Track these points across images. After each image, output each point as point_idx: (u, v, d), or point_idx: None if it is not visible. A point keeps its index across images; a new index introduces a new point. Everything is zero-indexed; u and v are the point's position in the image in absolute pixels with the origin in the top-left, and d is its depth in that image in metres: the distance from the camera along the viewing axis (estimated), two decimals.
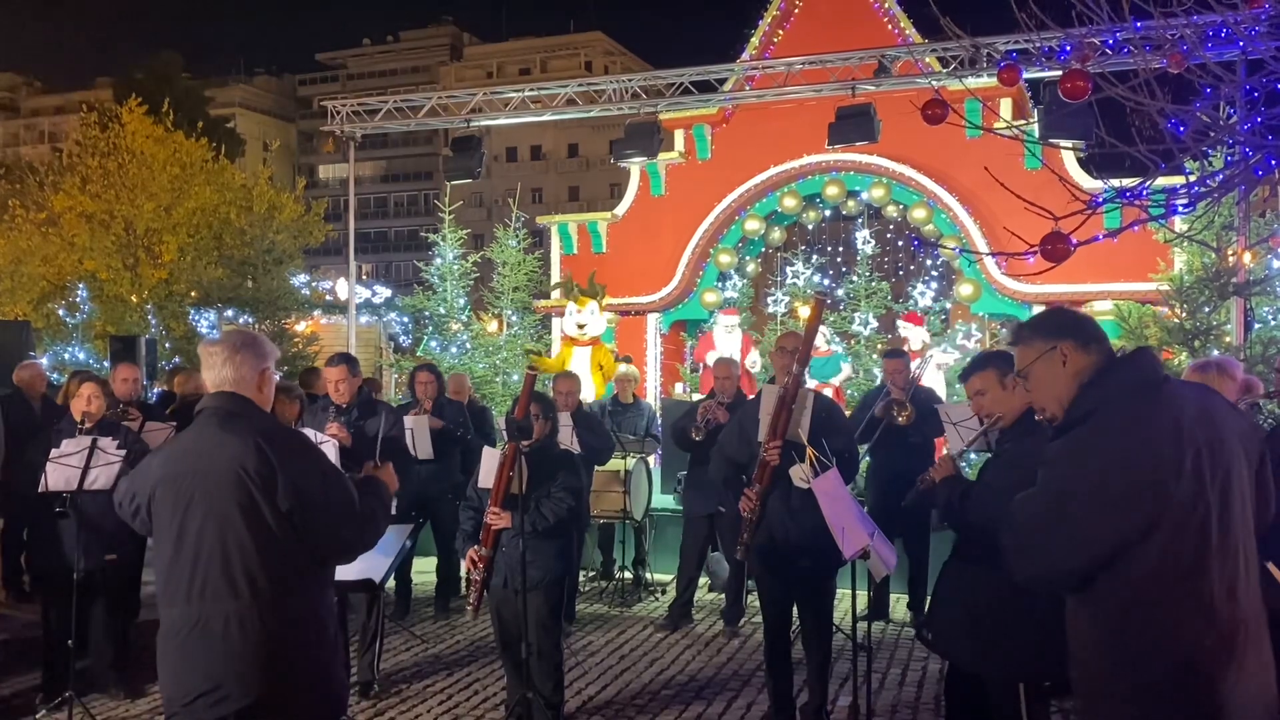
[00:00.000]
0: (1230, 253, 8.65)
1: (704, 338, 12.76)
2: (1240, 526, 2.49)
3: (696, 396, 10.23)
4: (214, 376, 3.15)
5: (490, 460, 5.09)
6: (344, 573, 4.56)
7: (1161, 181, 7.35)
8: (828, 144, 10.44)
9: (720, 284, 13.75)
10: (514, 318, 13.46)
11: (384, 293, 22.07)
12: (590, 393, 11.03)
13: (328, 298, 21.60)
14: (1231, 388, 4.60)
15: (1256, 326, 9.34)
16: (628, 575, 8.83)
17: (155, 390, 11.93)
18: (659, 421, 9.20)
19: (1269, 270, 9.56)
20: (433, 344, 13.31)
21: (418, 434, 7.44)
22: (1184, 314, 9.27)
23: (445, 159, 14.00)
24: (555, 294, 13.16)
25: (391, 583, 6.95)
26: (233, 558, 2.95)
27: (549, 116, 12.65)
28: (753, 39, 13.23)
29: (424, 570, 8.56)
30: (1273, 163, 6.58)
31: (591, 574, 9.11)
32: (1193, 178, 7.23)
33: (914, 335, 11.49)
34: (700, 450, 7.21)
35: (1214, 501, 2.41)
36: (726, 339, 11.95)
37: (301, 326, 15.43)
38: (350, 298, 13.67)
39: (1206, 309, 9.20)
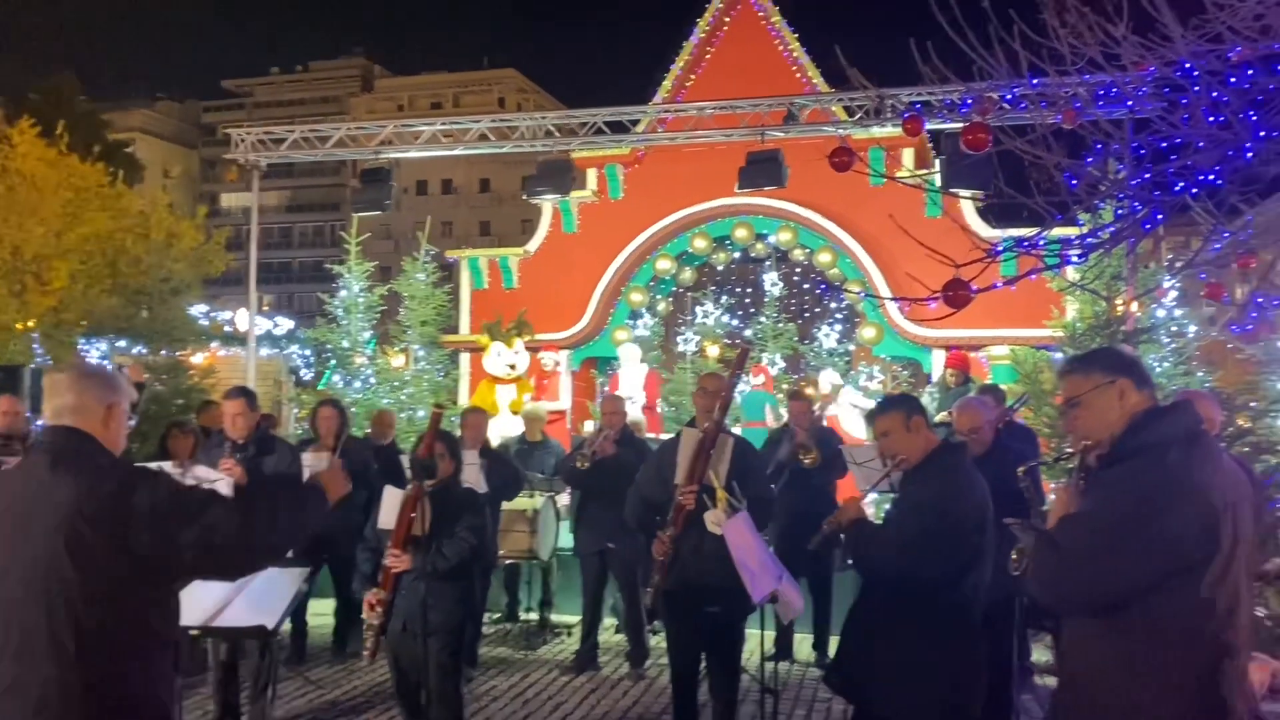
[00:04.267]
0: (1119, 302, 9.00)
1: (614, 377, 12.75)
2: (1249, 584, 2.61)
3: None
4: (53, 406, 2.77)
5: (391, 500, 4.95)
6: (235, 618, 4.37)
7: (1056, 232, 7.64)
8: (737, 188, 10.60)
9: (631, 322, 13.79)
10: (421, 352, 13.25)
11: (286, 324, 21.53)
12: (515, 428, 10.93)
13: (226, 329, 20.97)
14: None
15: None
16: (533, 617, 8.68)
17: (38, 423, 11.35)
18: None
19: (1154, 319, 9.99)
20: (336, 378, 13.00)
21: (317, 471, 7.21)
22: None
23: (354, 191, 13.77)
24: (484, 335, 13.00)
25: (286, 626, 6.70)
26: (57, 614, 2.54)
27: (461, 151, 12.57)
28: (665, 82, 13.42)
29: (321, 613, 8.27)
30: (1159, 217, 6.88)
31: (496, 616, 8.92)
32: (1085, 229, 7.54)
33: (824, 378, 11.69)
34: (589, 486, 7.19)
35: (1241, 554, 2.52)
36: (630, 372, 11.95)
37: (198, 359, 14.93)
38: (250, 329, 13.28)
39: None
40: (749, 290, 14.71)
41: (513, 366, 11.81)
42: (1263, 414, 9.91)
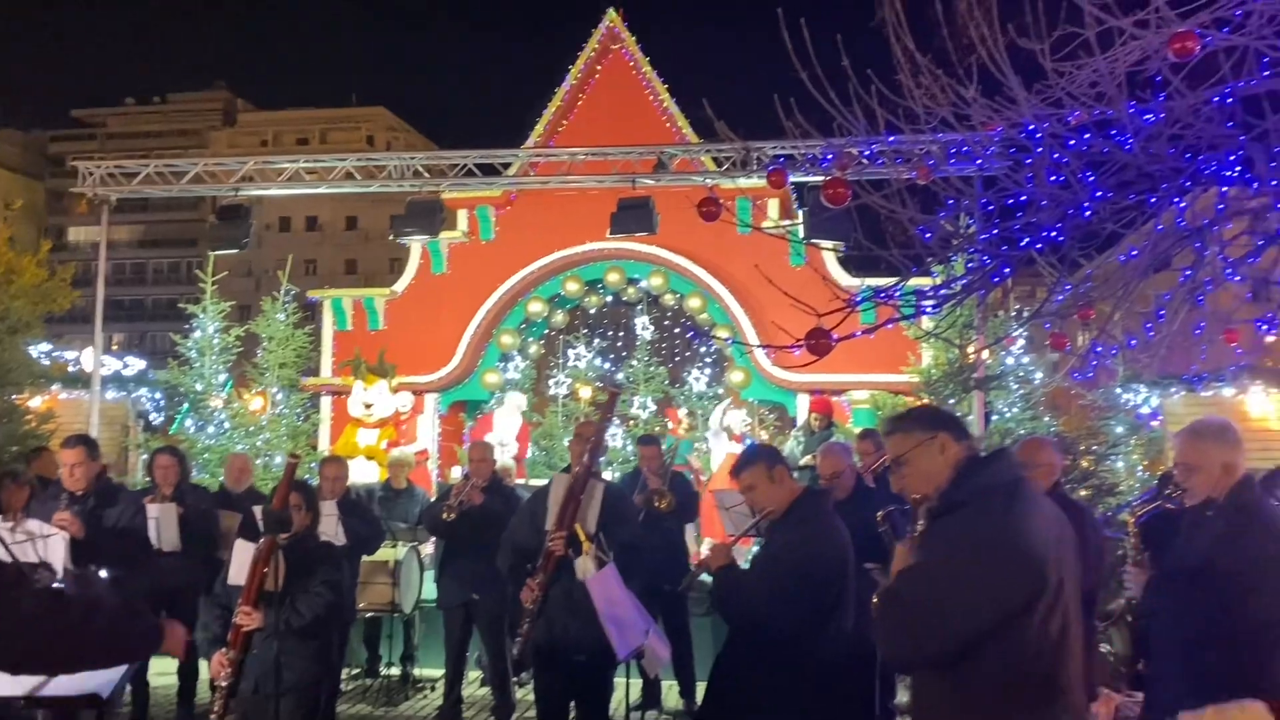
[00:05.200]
0: (971, 350, 9.40)
1: (482, 420, 12.59)
2: (1078, 623, 2.69)
3: None
4: None
5: (242, 555, 4.72)
6: (65, 686, 4.06)
7: (913, 283, 7.96)
8: (609, 234, 10.66)
9: (502, 365, 13.65)
10: (280, 395, 12.78)
11: (138, 364, 20.48)
12: (376, 476, 10.64)
13: (72, 369, 19.80)
14: None
15: (994, 418, 10.16)
16: (395, 672, 8.38)
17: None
18: None
19: (1004, 366, 10.47)
20: (188, 422, 12.41)
21: (163, 523, 6.83)
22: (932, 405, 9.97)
23: (211, 227, 13.26)
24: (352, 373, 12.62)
25: (128, 685, 6.27)
26: None
27: (325, 190, 12.28)
28: (537, 126, 13.45)
29: (164, 672, 7.79)
30: (1006, 270, 7.24)
31: (355, 671, 8.59)
32: (938, 281, 7.87)
33: (732, 419, 11.79)
34: (454, 536, 7.04)
35: (1069, 596, 2.59)
36: (506, 421, 11.82)
37: (36, 402, 14.02)
38: (95, 370, 12.55)
39: (951, 401, 9.93)
40: (621, 334, 14.77)
41: (368, 407, 11.50)
42: (1104, 457, 10.49)
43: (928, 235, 7.15)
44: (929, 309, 7.35)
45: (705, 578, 4.09)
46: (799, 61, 6.65)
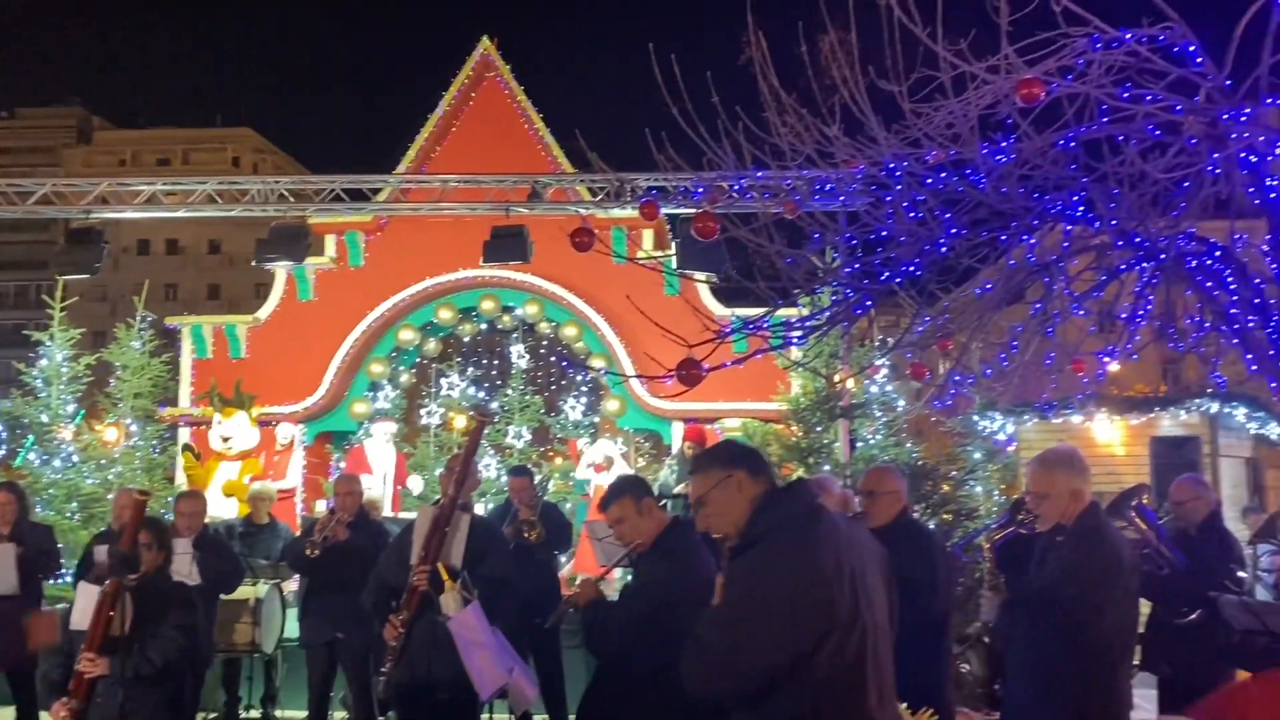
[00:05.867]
0: (837, 379, 9.67)
1: (354, 451, 12.25)
2: (885, 640, 2.71)
3: None
4: None
5: (87, 598, 4.46)
6: None
7: (782, 314, 8.18)
8: (482, 262, 10.58)
9: (371, 394, 13.34)
10: (134, 427, 12.17)
11: None
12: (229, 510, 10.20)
13: None
14: (833, 502, 5.03)
15: (859, 445, 10.45)
16: (255, 715, 8.03)
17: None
18: None
19: (869, 395, 10.80)
20: (32, 456, 11.69)
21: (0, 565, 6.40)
22: (800, 433, 10.20)
23: (59, 251, 12.57)
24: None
25: None
26: None
27: (184, 214, 11.81)
28: (409, 151, 13.28)
29: None
30: (868, 303, 7.50)
31: (213, 716, 8.19)
32: (805, 312, 8.10)
33: (600, 449, 11.75)
34: (318, 573, 6.82)
35: (866, 618, 2.62)
36: (380, 453, 11.54)
37: None
38: None
39: (819, 429, 10.17)
40: (495, 362, 14.64)
41: (226, 439, 11.08)
42: (962, 482, 10.89)
43: (795, 268, 7.36)
44: (795, 340, 7.54)
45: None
46: (670, 96, 6.78)
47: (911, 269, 7.06)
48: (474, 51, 13.52)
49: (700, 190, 8.74)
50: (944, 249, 6.90)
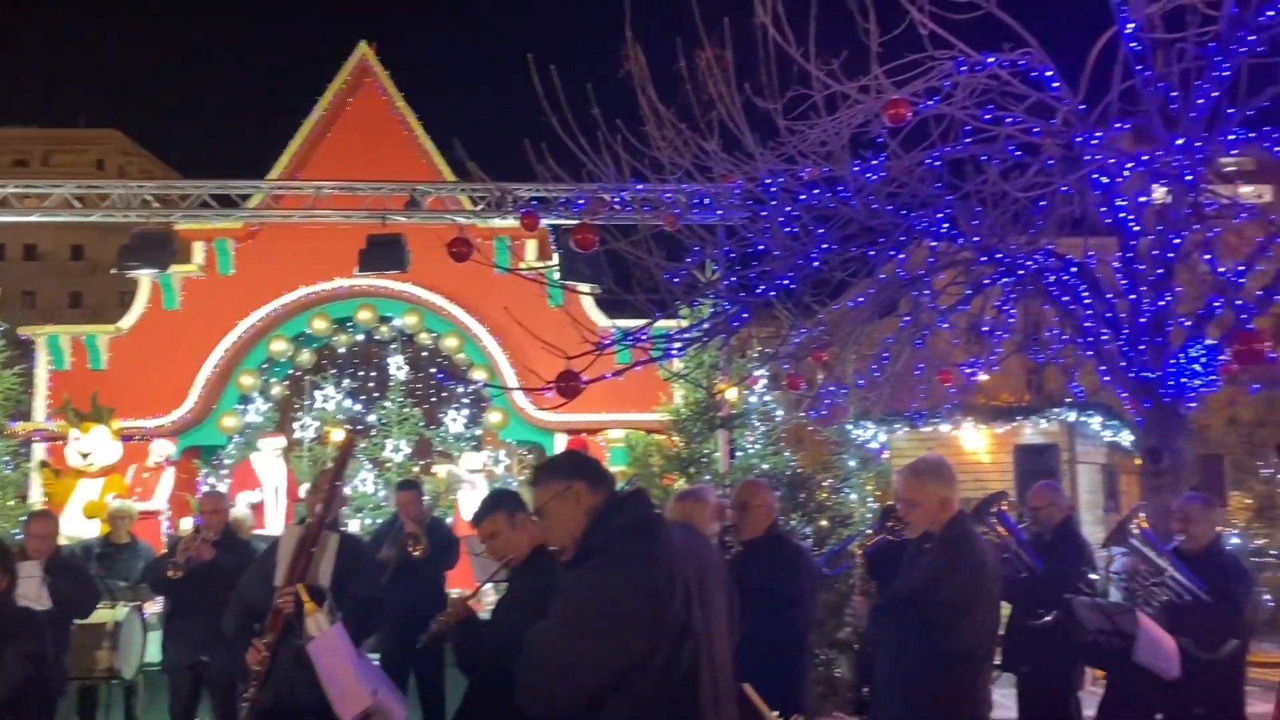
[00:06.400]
0: (717, 390, 9.78)
1: (240, 467, 11.79)
2: (722, 651, 2.73)
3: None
4: None
5: None
6: None
7: (663, 325, 8.24)
8: (357, 271, 10.34)
9: (242, 407, 12.88)
10: None
11: None
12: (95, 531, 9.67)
13: None
14: (708, 513, 5.07)
15: (739, 454, 10.59)
16: None
17: None
18: None
19: (748, 405, 10.95)
20: None
21: None
22: (682, 443, 10.28)
23: None
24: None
25: None
26: None
27: (38, 218, 11.18)
28: (283, 157, 12.90)
29: None
30: (745, 315, 7.63)
31: None
32: (685, 324, 8.18)
33: (466, 462, 11.52)
34: (182, 594, 6.55)
35: (700, 630, 2.62)
36: (270, 468, 11.12)
37: None
38: None
39: (699, 439, 10.27)
40: (373, 374, 14.29)
41: (85, 456, 10.54)
42: (837, 489, 11.14)
43: (675, 280, 7.44)
44: (675, 351, 7.61)
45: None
46: (550, 107, 6.78)
47: (786, 282, 7.22)
48: (351, 56, 13.23)
49: (581, 201, 8.75)
50: (817, 263, 7.08)
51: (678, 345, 7.42)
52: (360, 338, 13.56)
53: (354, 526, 11.70)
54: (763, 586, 4.32)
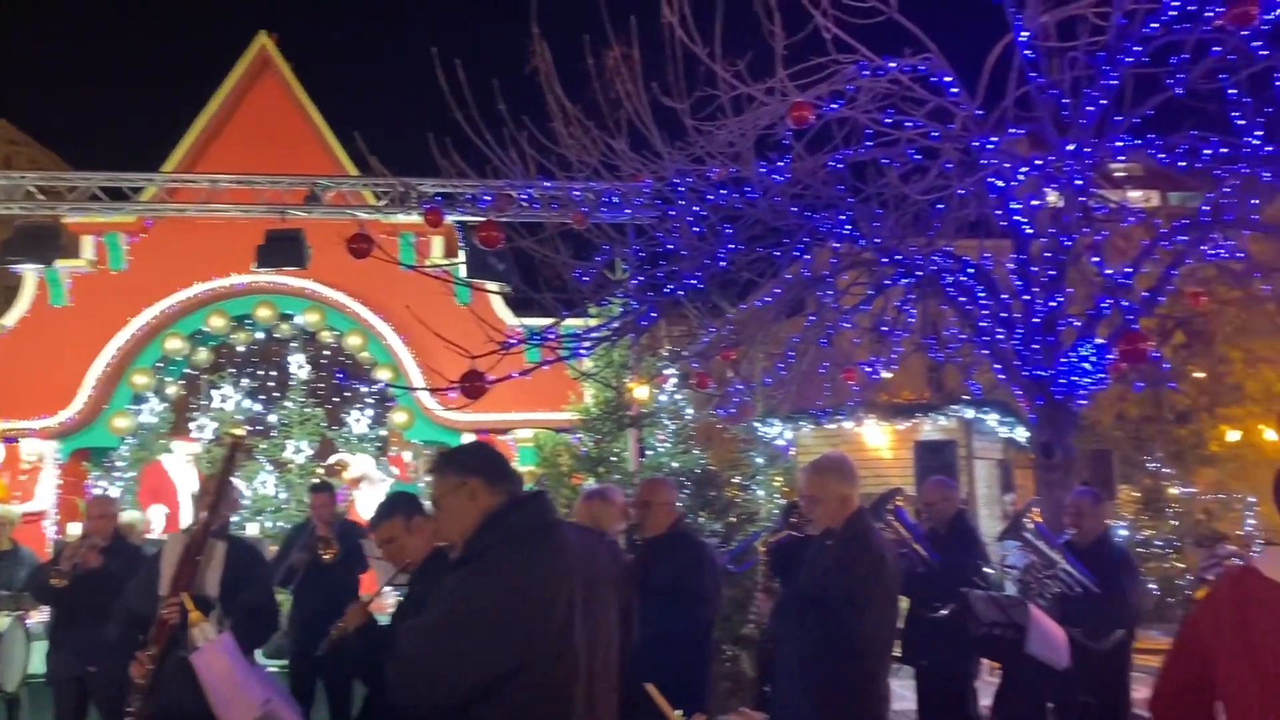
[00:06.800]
0: (627, 389, 9.79)
1: (151, 469, 11.34)
2: (608, 664, 2.67)
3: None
4: None
5: None
6: None
7: (572, 324, 8.21)
8: (254, 266, 10.05)
9: (134, 408, 12.40)
10: None
11: None
12: None
13: None
14: (614, 512, 5.06)
15: (649, 453, 10.62)
16: None
17: None
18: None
19: (658, 404, 10.99)
20: None
21: None
22: (591, 443, 10.26)
23: None
24: None
25: None
26: None
27: None
28: (178, 149, 12.45)
29: None
30: (654, 314, 7.64)
31: None
32: (595, 323, 8.16)
33: (358, 464, 11.31)
34: (67, 602, 6.28)
35: (583, 643, 2.57)
36: (183, 472, 10.72)
37: None
38: None
39: (609, 438, 10.26)
40: (273, 373, 13.91)
41: None
42: (745, 486, 11.26)
43: (585, 279, 7.41)
44: (583, 350, 7.58)
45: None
46: (455, 102, 6.68)
47: (694, 282, 7.26)
48: (251, 47, 12.85)
49: (488, 198, 8.66)
50: (724, 263, 7.14)
51: (587, 344, 7.39)
52: (260, 336, 13.18)
53: (253, 530, 11.40)
54: (666, 584, 4.33)
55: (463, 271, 9.13)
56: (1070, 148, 6.78)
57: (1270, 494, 2.21)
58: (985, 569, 5.49)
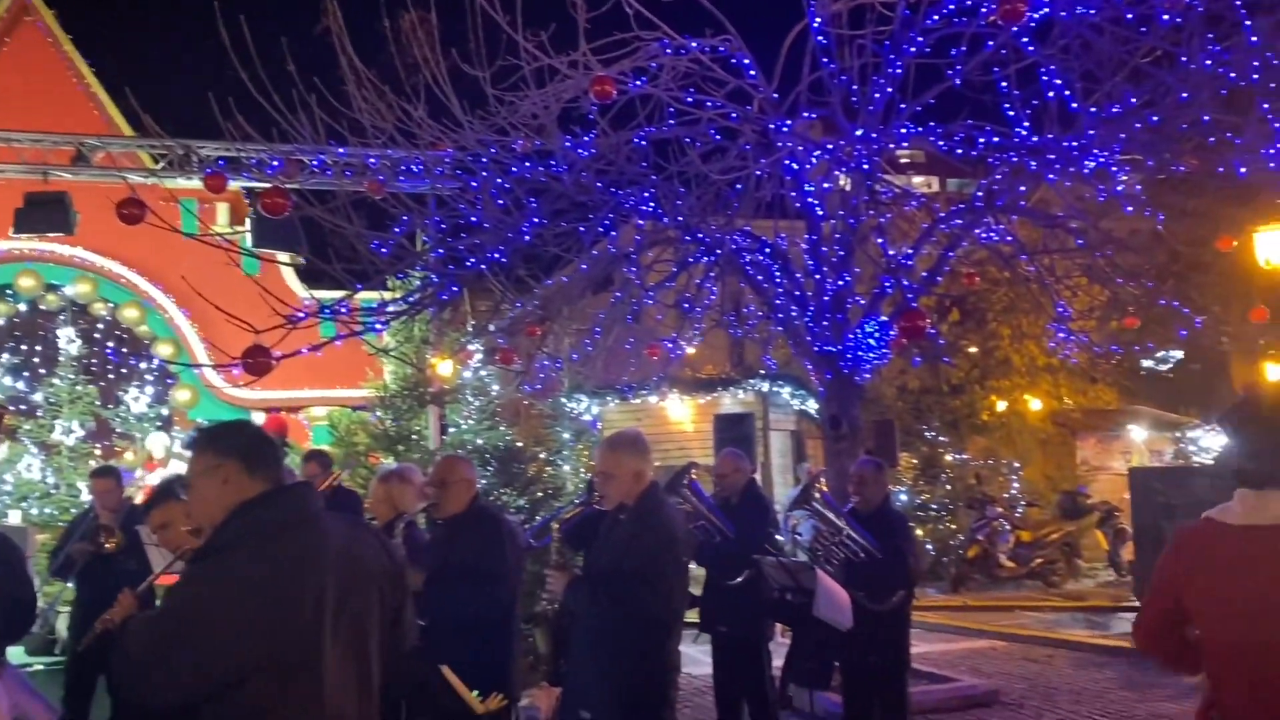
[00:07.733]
0: (428, 365, 9.57)
1: None
2: (368, 659, 2.54)
3: None
4: None
5: None
6: None
7: (369, 297, 7.91)
8: (12, 231, 9.16)
9: None
10: None
11: None
12: None
13: None
14: (411, 492, 4.93)
15: (452, 430, 10.43)
16: None
17: None
18: None
19: (462, 380, 10.80)
20: None
21: None
22: (390, 420, 9.97)
23: None
24: None
25: None
26: None
27: None
28: None
29: None
30: (455, 289, 7.48)
31: None
32: (393, 296, 7.90)
33: (153, 442, 10.60)
34: None
35: (344, 637, 2.43)
36: None
37: None
38: None
39: (409, 416, 10.01)
40: (39, 348, 12.77)
41: None
42: (551, 461, 11.26)
43: (384, 251, 7.15)
44: (380, 325, 7.32)
45: None
46: (240, 60, 6.27)
47: (497, 256, 7.14)
48: None
49: (276, 163, 8.21)
50: (528, 237, 7.05)
51: (384, 319, 7.14)
52: (23, 307, 12.08)
53: (15, 518, 10.48)
54: (465, 564, 4.24)
55: (250, 240, 8.62)
56: (859, 133, 7.07)
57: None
58: (776, 536, 5.68)
